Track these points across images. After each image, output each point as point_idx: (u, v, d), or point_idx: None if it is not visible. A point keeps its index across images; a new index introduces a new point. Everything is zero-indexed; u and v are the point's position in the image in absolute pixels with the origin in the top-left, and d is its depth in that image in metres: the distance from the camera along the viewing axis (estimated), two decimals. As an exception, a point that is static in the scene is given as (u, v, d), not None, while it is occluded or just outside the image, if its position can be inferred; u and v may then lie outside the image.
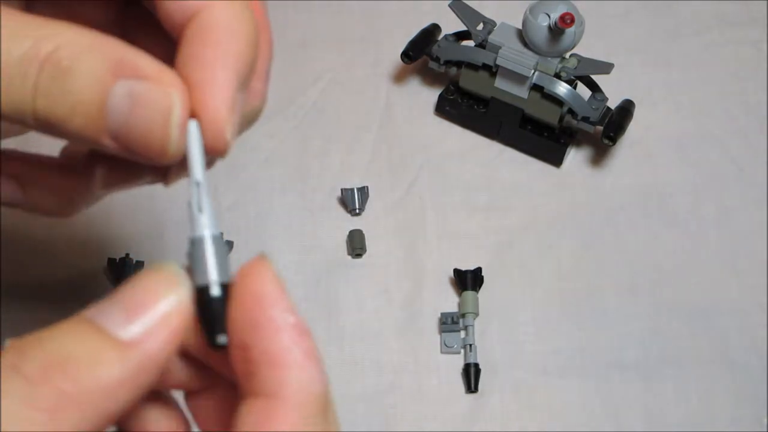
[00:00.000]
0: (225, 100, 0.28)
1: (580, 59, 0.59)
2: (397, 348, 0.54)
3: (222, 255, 0.26)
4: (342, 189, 0.59)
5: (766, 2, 0.70)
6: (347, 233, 0.57)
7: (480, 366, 0.52)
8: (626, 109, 0.60)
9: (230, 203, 0.59)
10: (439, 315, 0.54)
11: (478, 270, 0.55)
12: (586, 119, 0.58)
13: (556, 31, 0.55)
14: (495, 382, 0.53)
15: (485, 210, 0.59)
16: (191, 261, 0.27)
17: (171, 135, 0.27)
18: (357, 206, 0.58)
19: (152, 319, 0.25)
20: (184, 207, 0.28)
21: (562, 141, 0.61)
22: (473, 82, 0.61)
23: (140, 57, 0.28)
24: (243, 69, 0.29)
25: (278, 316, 0.25)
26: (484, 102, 0.62)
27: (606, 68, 0.58)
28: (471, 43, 0.61)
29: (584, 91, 0.59)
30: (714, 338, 0.54)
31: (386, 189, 0.60)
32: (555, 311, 0.55)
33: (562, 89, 0.58)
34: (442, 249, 0.58)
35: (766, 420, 0.52)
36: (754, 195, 0.60)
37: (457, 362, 0.53)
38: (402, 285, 0.56)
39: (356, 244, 0.57)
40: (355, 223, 0.58)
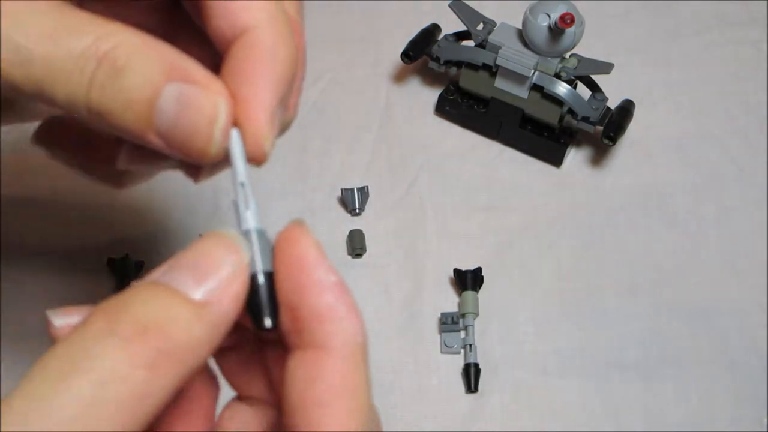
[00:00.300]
0: (266, 115, 0.30)
1: (580, 59, 0.59)
2: (397, 348, 0.54)
3: (265, 247, 0.28)
4: (342, 189, 0.59)
5: (766, 2, 0.70)
6: (347, 233, 0.57)
7: (480, 366, 0.52)
8: (626, 109, 0.60)
9: (230, 203, 0.59)
10: (439, 315, 0.54)
11: (478, 270, 0.55)
12: (586, 119, 0.58)
13: (556, 31, 0.55)
14: (495, 382, 0.53)
15: (485, 210, 0.59)
16: None
17: (214, 139, 0.30)
18: (357, 206, 0.58)
19: (219, 282, 0.26)
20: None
21: (562, 141, 0.61)
22: (473, 82, 0.61)
23: (191, 63, 0.30)
24: (283, 88, 0.31)
25: (322, 277, 0.28)
26: (484, 102, 0.62)
27: (606, 68, 0.58)
28: (471, 43, 0.61)
29: (584, 91, 0.59)
30: (714, 338, 0.54)
31: (386, 189, 0.60)
32: (555, 311, 0.55)
33: (562, 89, 0.58)
34: (442, 249, 0.58)
35: (766, 420, 0.52)
36: (754, 195, 0.60)
37: (457, 362, 0.53)
38: (402, 285, 0.56)
39: (356, 244, 0.57)
40: (355, 223, 0.58)
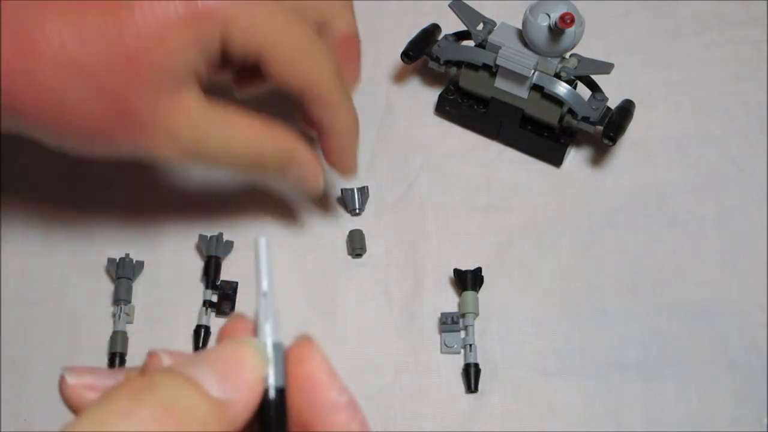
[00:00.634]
0: (355, 161, 0.54)
1: (580, 59, 0.59)
2: (397, 348, 0.54)
3: (279, 361, 0.29)
4: (342, 189, 0.59)
5: (766, 2, 0.70)
6: (347, 233, 0.57)
7: (480, 366, 0.52)
8: (626, 109, 0.60)
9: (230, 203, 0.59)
10: (439, 315, 0.54)
11: (478, 270, 0.55)
12: (586, 119, 0.58)
13: (556, 31, 0.55)
14: (495, 382, 0.53)
15: (485, 210, 0.59)
16: None
17: (320, 185, 0.52)
18: (357, 206, 0.58)
19: (239, 388, 0.28)
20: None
21: (562, 141, 0.61)
22: (473, 82, 0.61)
23: (305, 148, 0.50)
24: (354, 142, 0.52)
25: (335, 398, 0.30)
26: (484, 102, 0.62)
27: (606, 68, 0.58)
28: (471, 43, 0.61)
29: (584, 91, 0.59)
30: (714, 338, 0.54)
31: (386, 189, 0.60)
32: (555, 311, 0.55)
33: (562, 89, 0.58)
34: (442, 249, 0.58)
35: (766, 420, 0.52)
36: (754, 195, 0.60)
37: (457, 362, 0.53)
38: (402, 285, 0.56)
39: (356, 244, 0.57)
40: (355, 223, 0.58)
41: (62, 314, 0.55)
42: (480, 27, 0.60)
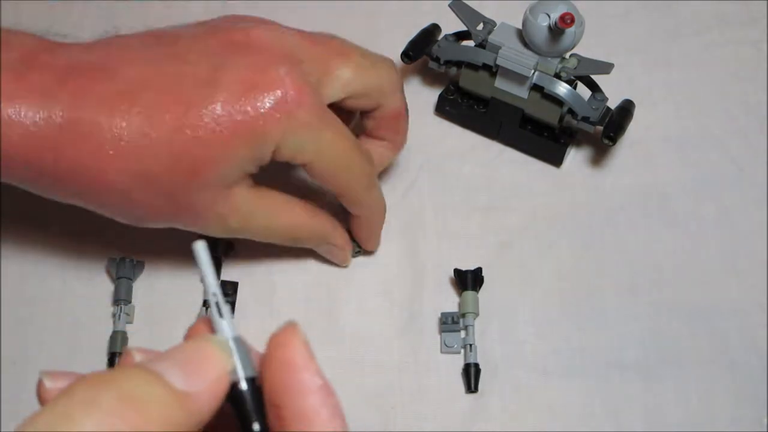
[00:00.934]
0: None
1: (580, 59, 0.59)
2: (397, 348, 0.54)
3: (244, 353, 0.30)
4: (342, 189, 0.59)
5: (766, 2, 0.70)
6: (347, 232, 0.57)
7: (480, 366, 0.52)
8: (626, 109, 0.60)
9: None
10: (439, 315, 0.54)
11: (478, 270, 0.55)
12: (586, 119, 0.58)
13: (556, 31, 0.55)
14: (495, 382, 0.53)
15: (485, 210, 0.59)
16: None
17: (348, 260, 0.57)
18: (357, 206, 0.58)
19: (205, 380, 0.29)
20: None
21: (562, 141, 0.61)
22: (473, 82, 0.61)
23: (335, 232, 0.55)
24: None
25: (308, 380, 0.30)
26: (484, 102, 0.62)
27: (606, 68, 0.58)
28: (471, 43, 0.61)
29: (584, 91, 0.59)
30: (714, 338, 0.54)
31: (386, 189, 0.60)
32: (555, 311, 0.55)
33: (562, 89, 0.58)
34: (442, 249, 0.58)
35: (766, 420, 0.52)
36: (754, 195, 0.60)
37: (457, 362, 0.53)
38: (402, 285, 0.56)
39: (357, 244, 0.57)
40: (355, 223, 0.58)
41: (62, 314, 0.55)
42: (480, 27, 0.60)
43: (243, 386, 0.30)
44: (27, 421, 0.26)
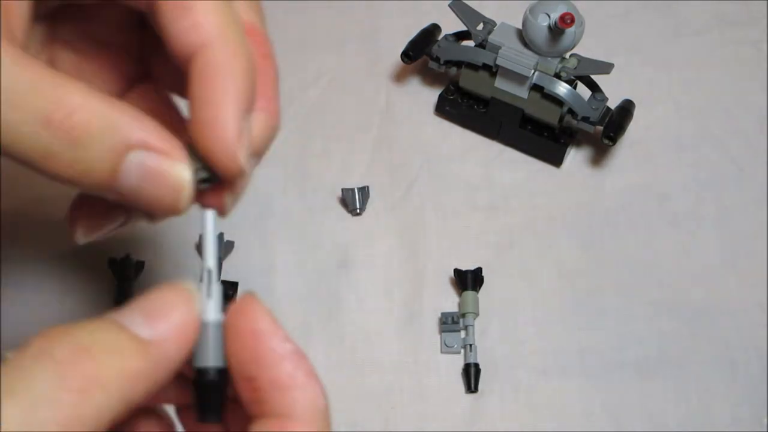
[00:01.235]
0: (232, 132, 0.30)
1: (580, 59, 0.59)
2: (397, 348, 0.54)
3: (219, 341, 0.29)
4: (342, 189, 0.59)
5: (766, 2, 0.70)
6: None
7: (480, 366, 0.52)
8: (626, 109, 0.60)
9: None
10: (439, 315, 0.54)
11: (478, 270, 0.55)
12: (586, 119, 0.58)
13: (556, 31, 0.55)
14: (495, 382, 0.53)
15: (485, 210, 0.60)
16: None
17: (182, 204, 0.31)
18: (357, 206, 0.58)
19: (168, 327, 0.28)
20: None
21: (562, 141, 0.61)
22: (473, 82, 0.61)
23: (149, 126, 0.30)
24: (244, 102, 0.31)
25: (278, 346, 0.28)
26: (484, 102, 0.62)
27: (606, 68, 0.58)
28: (471, 43, 0.61)
29: (584, 91, 0.59)
30: (714, 338, 0.54)
31: (386, 189, 0.60)
32: (555, 311, 0.55)
33: (562, 89, 0.58)
34: (442, 249, 0.58)
35: (766, 420, 0.52)
36: (754, 195, 0.60)
37: (457, 362, 0.53)
38: (402, 285, 0.56)
39: (201, 161, 0.46)
40: (356, 223, 0.58)
41: (62, 314, 0.55)
42: (480, 27, 0.60)
43: (212, 375, 0.29)
44: None
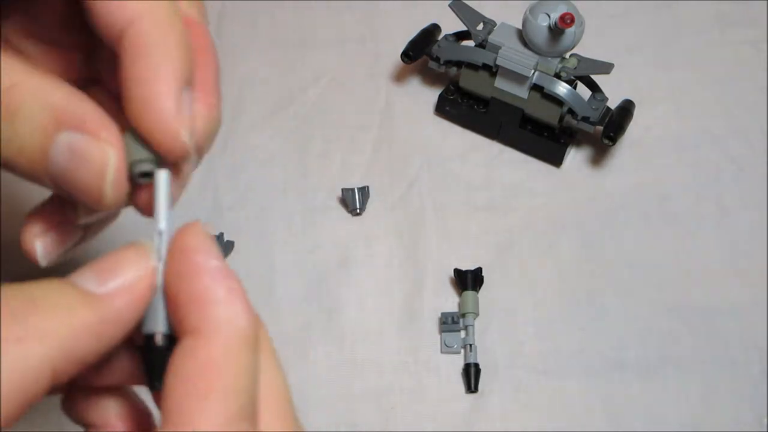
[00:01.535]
0: (169, 106, 0.29)
1: (580, 59, 0.59)
2: (397, 348, 0.54)
3: (162, 304, 0.28)
4: (342, 189, 0.59)
5: (766, 2, 0.70)
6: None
7: (480, 366, 0.52)
8: (626, 109, 0.60)
9: (230, 203, 0.59)
10: (439, 315, 0.54)
11: (478, 270, 0.55)
12: (586, 119, 0.58)
13: (556, 31, 0.55)
14: (495, 382, 0.53)
15: (485, 210, 0.59)
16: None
17: (105, 190, 0.29)
18: (357, 206, 0.58)
19: (120, 282, 0.27)
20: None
21: (562, 141, 0.61)
22: (473, 82, 0.61)
23: (84, 107, 0.29)
24: (180, 75, 0.29)
25: (201, 260, 0.27)
26: (484, 102, 0.62)
27: (606, 68, 0.58)
28: (471, 43, 0.61)
29: (584, 91, 0.59)
30: (714, 338, 0.54)
31: (386, 189, 0.60)
32: (555, 311, 0.55)
33: (562, 89, 0.58)
34: (442, 249, 0.58)
35: (766, 420, 0.52)
36: (754, 195, 0.60)
37: (457, 362, 0.53)
38: (402, 285, 0.56)
39: (145, 146, 0.46)
40: (356, 223, 0.58)
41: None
42: (480, 27, 0.60)
43: (158, 340, 0.28)
44: None
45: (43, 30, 0.35)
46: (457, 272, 0.55)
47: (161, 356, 0.27)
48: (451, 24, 0.62)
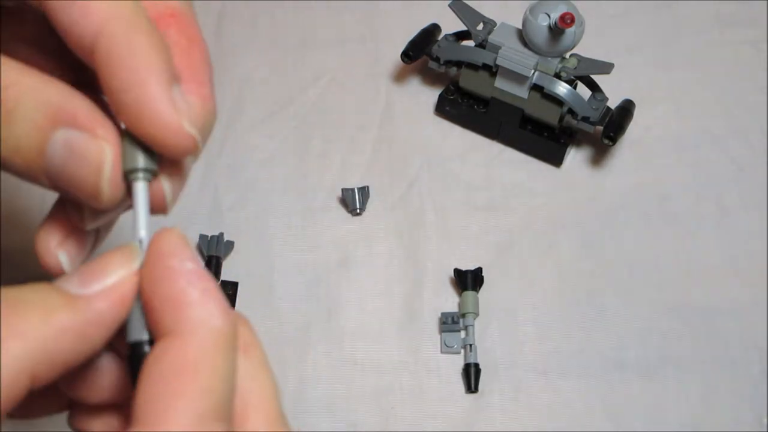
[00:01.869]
0: (165, 103, 0.28)
1: (580, 59, 0.59)
2: (397, 348, 0.54)
3: (140, 311, 0.28)
4: (342, 189, 0.59)
5: (766, 2, 0.70)
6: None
7: (480, 366, 0.52)
8: (626, 109, 0.60)
9: (230, 203, 0.59)
10: (439, 315, 0.54)
11: (478, 270, 0.55)
12: (586, 119, 0.58)
13: (556, 31, 0.55)
14: (495, 382, 0.53)
15: (485, 210, 0.59)
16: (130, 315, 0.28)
17: (102, 188, 0.29)
18: (357, 206, 0.58)
19: (103, 284, 0.27)
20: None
21: (562, 141, 0.61)
22: (473, 82, 0.61)
23: (80, 105, 0.29)
24: (163, 72, 0.29)
25: (175, 264, 0.27)
26: (484, 102, 0.62)
27: (606, 68, 0.58)
28: (471, 43, 0.61)
29: (584, 91, 0.59)
30: (714, 338, 0.54)
31: (386, 189, 0.60)
32: (555, 311, 0.55)
33: (562, 89, 0.58)
34: (442, 249, 0.58)
35: (766, 420, 0.52)
36: (754, 195, 0.60)
37: (457, 362, 0.53)
38: (402, 285, 0.56)
39: (142, 147, 0.45)
40: (356, 223, 0.58)
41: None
42: (480, 27, 0.60)
43: (146, 350, 0.27)
44: None
45: (29, 34, 0.35)
46: (457, 272, 0.55)
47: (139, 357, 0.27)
48: (451, 24, 0.62)
